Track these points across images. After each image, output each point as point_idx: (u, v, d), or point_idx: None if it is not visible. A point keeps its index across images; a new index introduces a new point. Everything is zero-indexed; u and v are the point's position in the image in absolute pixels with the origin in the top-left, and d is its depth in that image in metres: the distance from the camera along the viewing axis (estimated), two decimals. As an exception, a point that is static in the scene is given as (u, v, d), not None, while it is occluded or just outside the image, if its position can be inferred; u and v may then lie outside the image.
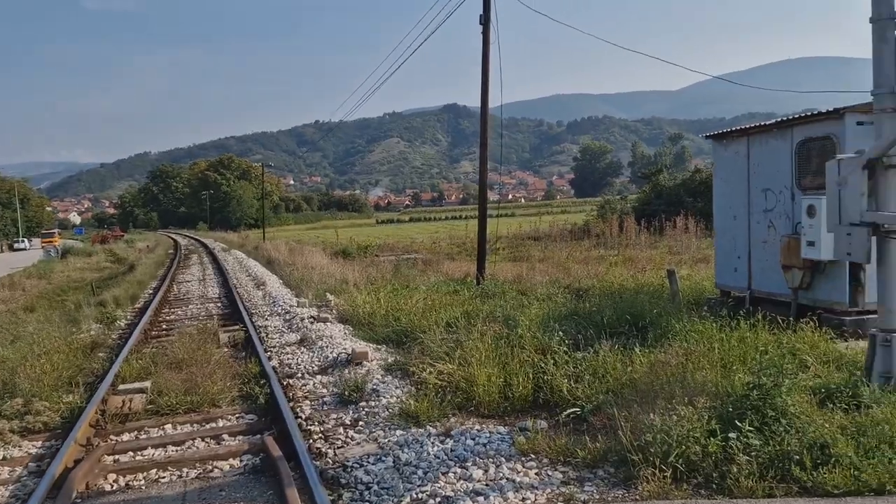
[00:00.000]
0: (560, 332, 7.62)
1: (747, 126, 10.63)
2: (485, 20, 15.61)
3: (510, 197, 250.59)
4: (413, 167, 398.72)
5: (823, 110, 8.98)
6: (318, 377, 8.29)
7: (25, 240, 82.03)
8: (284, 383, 8.14)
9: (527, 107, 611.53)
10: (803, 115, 9.34)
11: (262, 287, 19.10)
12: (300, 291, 17.31)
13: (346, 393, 7.14)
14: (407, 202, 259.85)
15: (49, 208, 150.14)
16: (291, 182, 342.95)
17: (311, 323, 11.70)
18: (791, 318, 8.60)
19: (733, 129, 11.01)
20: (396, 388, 7.19)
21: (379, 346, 9.73)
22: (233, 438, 6.43)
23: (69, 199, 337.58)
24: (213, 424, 6.94)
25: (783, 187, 9.76)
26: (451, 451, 5.39)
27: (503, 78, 16.42)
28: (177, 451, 6.18)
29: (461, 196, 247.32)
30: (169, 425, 6.90)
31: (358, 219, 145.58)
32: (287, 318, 12.94)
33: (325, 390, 7.70)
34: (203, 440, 6.44)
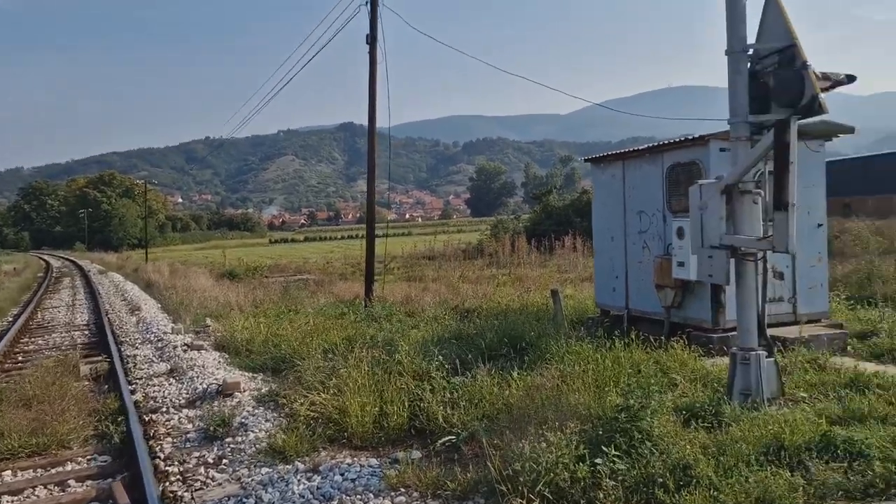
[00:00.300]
0: (440, 357, 7.49)
1: (623, 151, 11.01)
2: (371, 39, 15.50)
3: (407, 216, 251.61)
4: (309, 186, 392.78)
5: (691, 137, 9.40)
6: (185, 411, 7.75)
7: None
8: (147, 419, 7.55)
9: (424, 127, 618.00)
10: (672, 141, 9.75)
11: (136, 312, 17.96)
12: (178, 317, 16.40)
13: (213, 428, 6.68)
14: (302, 221, 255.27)
15: None
16: (180, 200, 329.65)
17: (185, 351, 11.04)
18: (664, 337, 8.89)
19: (610, 153, 11.38)
20: (267, 420, 6.81)
21: (255, 375, 9.26)
22: (80, 484, 5.85)
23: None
24: (60, 469, 6.30)
25: (656, 210, 10.13)
26: (318, 488, 5.09)
27: (397, 97, 16.34)
28: (13, 501, 5.54)
29: (358, 215, 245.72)
30: (8, 472, 6.20)
31: (250, 238, 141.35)
32: (159, 346, 12.16)
33: (190, 425, 7.19)
34: (46, 487, 5.82)
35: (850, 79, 5.97)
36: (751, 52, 6.17)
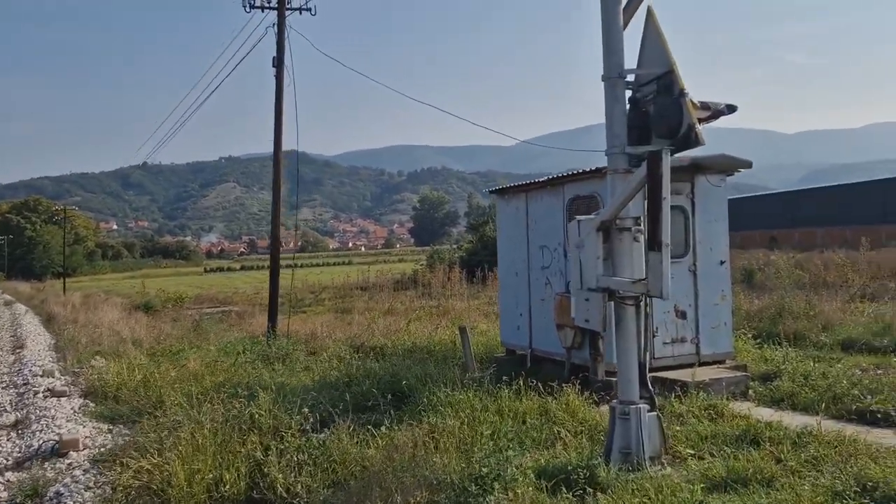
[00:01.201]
0: (305, 409, 6.69)
1: (526, 182, 10.51)
2: (278, 62, 14.79)
3: (350, 245, 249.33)
4: (250, 213, 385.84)
5: (591, 168, 8.95)
6: (8, 475, 6.72)
7: None
8: (-40, 485, 6.50)
9: (369, 156, 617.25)
10: (573, 172, 9.29)
11: (18, 351, 16.50)
12: (65, 355, 15.12)
13: (20, 500, 5.71)
14: (242, 249, 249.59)
15: None
16: (115, 227, 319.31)
17: (45, 398, 9.91)
18: (565, 380, 8.30)
19: (513, 185, 10.88)
20: (89, 489, 5.86)
21: (113, 428, 8.26)
22: None
23: None
24: None
25: (558, 244, 9.62)
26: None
27: (341, 125, 15.72)
28: None
29: (300, 243, 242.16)
30: None
31: (185, 267, 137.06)
32: (21, 391, 10.95)
33: (5, 494, 6.18)
34: None
35: (731, 109, 5.55)
36: (631, 78, 5.71)
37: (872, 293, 17.09)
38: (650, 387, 5.67)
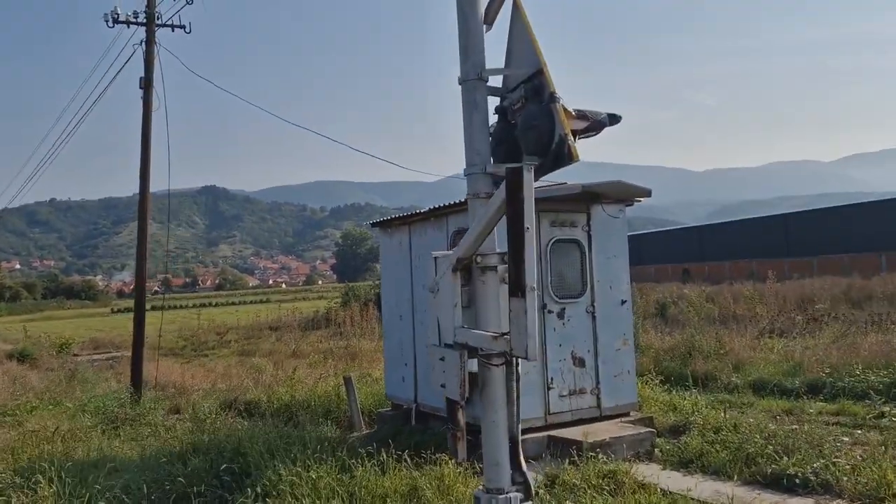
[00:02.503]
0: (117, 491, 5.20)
1: (408, 214, 9.35)
2: (146, 83, 13.26)
3: (271, 282, 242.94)
4: (165, 251, 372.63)
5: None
6: None
7: None
8: None
9: (291, 192, 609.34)
10: (456, 202, 8.17)
11: None
12: None
13: None
14: (156, 288, 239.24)
15: None
16: (18, 266, 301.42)
17: None
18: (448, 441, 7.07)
19: (396, 216, 9.69)
20: None
21: None
22: None
23: None
24: None
25: (442, 284, 8.45)
26: None
27: (263, 160, 13.89)
28: None
29: (217, 281, 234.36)
30: None
31: (91, 307, 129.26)
32: None
33: None
34: None
35: (614, 119, 4.54)
36: (498, 83, 4.63)
37: (780, 328, 16.73)
38: (523, 470, 4.47)
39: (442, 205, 8.45)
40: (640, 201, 8.46)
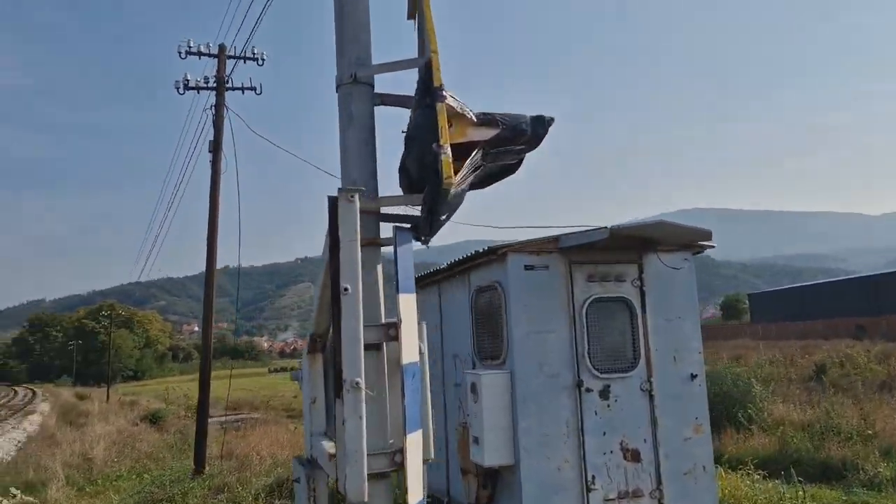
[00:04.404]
0: None
1: (437, 270, 8.06)
2: (215, 146, 13.16)
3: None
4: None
5: (493, 247, 6.47)
6: None
7: None
8: None
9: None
10: (477, 254, 6.79)
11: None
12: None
13: None
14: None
15: None
16: (196, 329, 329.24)
17: None
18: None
19: (426, 273, 8.41)
20: None
21: None
22: None
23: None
24: None
25: (467, 354, 7.07)
26: None
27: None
28: None
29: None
30: None
31: (253, 367, 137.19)
32: None
33: None
34: None
35: (540, 123, 3.10)
36: (381, 87, 3.37)
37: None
38: None
39: (463, 256, 7.11)
40: (711, 246, 6.65)
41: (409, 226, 3.09)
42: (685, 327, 6.47)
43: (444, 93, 2.86)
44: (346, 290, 2.42)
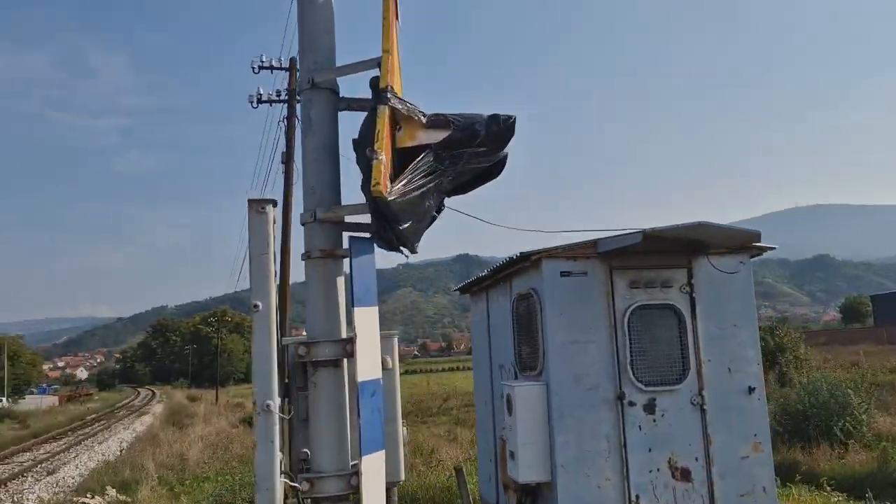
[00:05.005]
0: None
1: (486, 275, 7.80)
2: (287, 158, 13.49)
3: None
4: (425, 317, 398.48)
5: (526, 253, 6.18)
6: None
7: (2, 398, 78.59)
8: None
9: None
10: (517, 258, 6.50)
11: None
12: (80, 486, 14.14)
13: None
14: (415, 352, 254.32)
15: (46, 365, 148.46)
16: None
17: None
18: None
19: (477, 278, 8.15)
20: None
21: None
22: None
23: (83, 354, 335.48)
24: None
25: (511, 363, 6.81)
26: None
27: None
28: None
29: (470, 345, 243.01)
30: None
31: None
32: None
33: None
34: None
35: (497, 122, 2.86)
36: (344, 90, 3.23)
37: None
38: None
39: (505, 260, 6.84)
40: (772, 248, 6.09)
41: (367, 235, 2.94)
42: (741, 336, 5.95)
43: (388, 95, 2.69)
44: (255, 306, 2.30)
